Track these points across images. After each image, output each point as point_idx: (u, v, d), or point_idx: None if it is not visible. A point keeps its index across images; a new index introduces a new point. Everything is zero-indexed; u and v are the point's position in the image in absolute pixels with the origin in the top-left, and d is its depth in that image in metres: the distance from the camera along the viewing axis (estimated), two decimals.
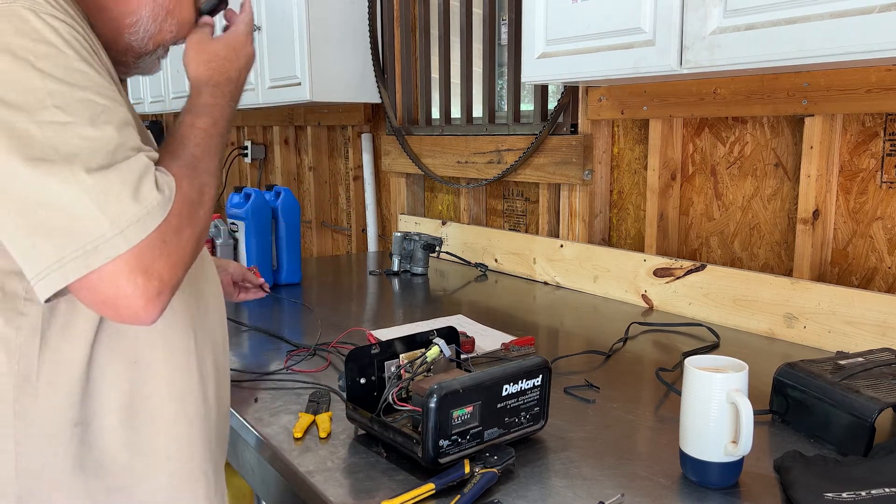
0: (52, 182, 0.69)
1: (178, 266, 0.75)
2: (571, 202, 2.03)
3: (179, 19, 0.91)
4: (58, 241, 0.69)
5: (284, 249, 2.04)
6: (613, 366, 1.38)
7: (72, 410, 0.81)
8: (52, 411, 0.81)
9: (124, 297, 0.71)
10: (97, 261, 0.69)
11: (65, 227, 0.69)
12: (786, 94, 1.50)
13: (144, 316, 0.73)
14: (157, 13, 0.88)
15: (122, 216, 0.70)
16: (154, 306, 0.73)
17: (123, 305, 0.71)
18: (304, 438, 1.07)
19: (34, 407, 0.80)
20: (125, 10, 0.86)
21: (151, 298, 0.72)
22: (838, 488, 0.86)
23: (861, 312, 1.39)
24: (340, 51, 2.62)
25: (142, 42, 0.89)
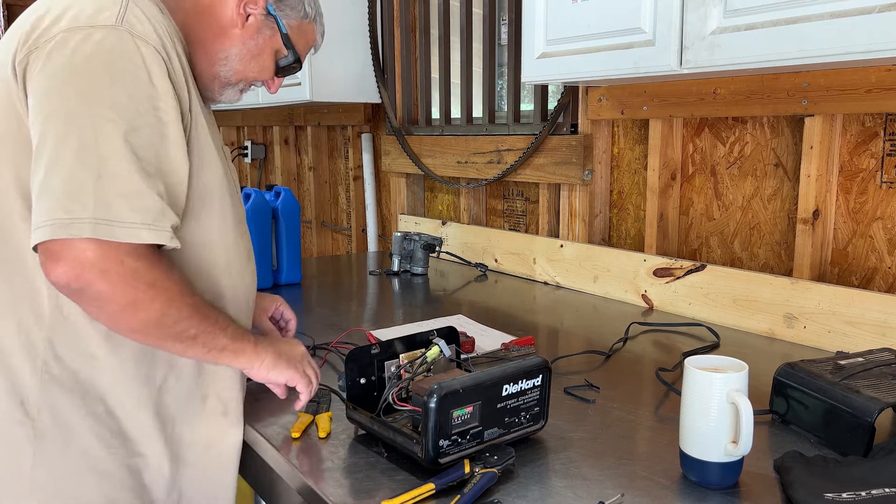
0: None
1: (108, 289, 0.85)
2: (571, 202, 2.03)
3: (261, 64, 1.11)
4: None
5: (284, 249, 2.04)
6: (613, 366, 1.38)
7: (90, 343, 0.96)
8: (76, 340, 0.95)
9: (49, 268, 0.85)
10: (63, 233, 0.82)
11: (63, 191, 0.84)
12: (786, 94, 1.50)
13: (50, 276, 0.85)
14: (243, 55, 1.08)
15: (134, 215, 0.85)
16: (60, 279, 0.84)
17: (48, 262, 0.84)
18: (303, 438, 1.07)
19: (63, 333, 0.95)
20: (219, 48, 1.06)
21: (66, 277, 0.84)
22: (838, 488, 0.86)
23: (861, 312, 1.39)
24: (340, 51, 2.62)
25: (228, 74, 1.09)
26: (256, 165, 3.89)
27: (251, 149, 3.78)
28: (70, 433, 0.96)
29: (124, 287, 0.86)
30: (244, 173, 4.07)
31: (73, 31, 0.89)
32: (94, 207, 0.83)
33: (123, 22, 0.90)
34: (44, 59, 0.88)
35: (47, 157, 0.85)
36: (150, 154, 0.89)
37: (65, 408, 0.96)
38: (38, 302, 0.95)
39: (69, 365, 0.96)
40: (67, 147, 0.85)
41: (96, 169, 0.84)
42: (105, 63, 0.88)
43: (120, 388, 0.98)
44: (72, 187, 0.83)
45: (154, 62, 0.91)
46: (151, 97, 0.90)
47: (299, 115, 3.33)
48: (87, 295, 0.86)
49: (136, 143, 0.87)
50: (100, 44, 0.88)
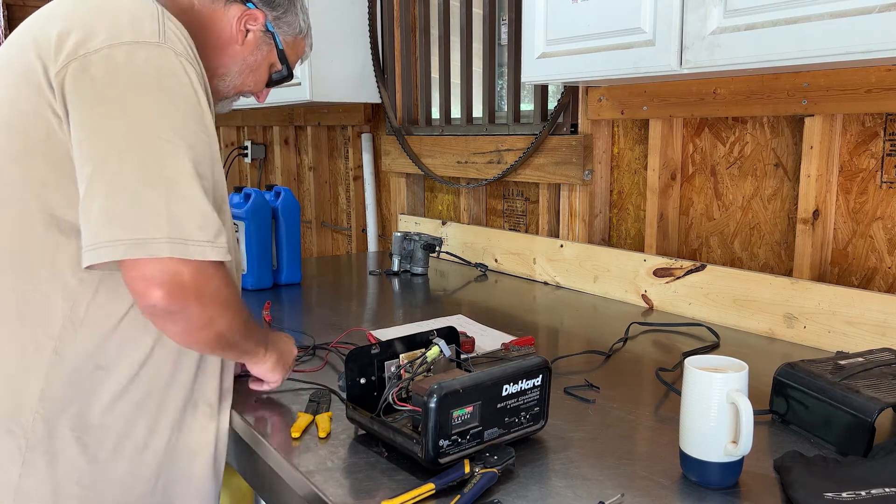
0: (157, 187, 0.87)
1: (198, 305, 0.89)
2: (571, 202, 2.03)
3: (257, 78, 1.16)
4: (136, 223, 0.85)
5: (284, 249, 2.04)
6: (613, 366, 1.38)
7: (97, 356, 0.96)
8: (83, 352, 0.95)
9: (149, 293, 0.86)
10: (140, 253, 0.84)
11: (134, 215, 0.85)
12: (786, 94, 1.50)
13: (150, 300, 0.86)
14: (243, 70, 1.12)
15: (199, 233, 0.87)
16: (160, 301, 0.86)
17: (144, 288, 0.86)
18: (303, 438, 1.07)
19: (71, 345, 0.95)
20: (218, 63, 1.10)
21: (167, 299, 0.86)
22: (838, 488, 0.86)
23: (861, 312, 1.39)
24: (340, 51, 2.62)
25: (226, 88, 1.14)
26: (256, 165, 3.89)
27: (251, 149, 3.78)
28: (63, 446, 0.96)
29: (210, 305, 0.90)
30: (244, 173, 4.07)
31: (118, 47, 0.89)
32: (167, 227, 0.85)
33: (166, 39, 0.91)
34: (91, 74, 0.88)
35: (111, 178, 0.85)
36: (206, 172, 0.91)
37: (61, 420, 0.95)
38: (50, 312, 0.94)
39: (74, 377, 0.95)
40: (134, 168, 0.85)
41: (164, 190, 0.86)
42: (157, 82, 0.89)
43: (123, 398, 0.99)
44: (143, 208, 0.85)
45: (196, 81, 0.93)
46: (201, 116, 0.92)
47: (299, 115, 3.33)
48: (179, 315, 0.88)
49: (196, 161, 0.89)
50: (148, 62, 0.89)
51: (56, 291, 0.94)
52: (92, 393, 0.97)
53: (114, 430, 0.99)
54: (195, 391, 1.07)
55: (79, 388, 0.96)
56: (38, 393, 0.94)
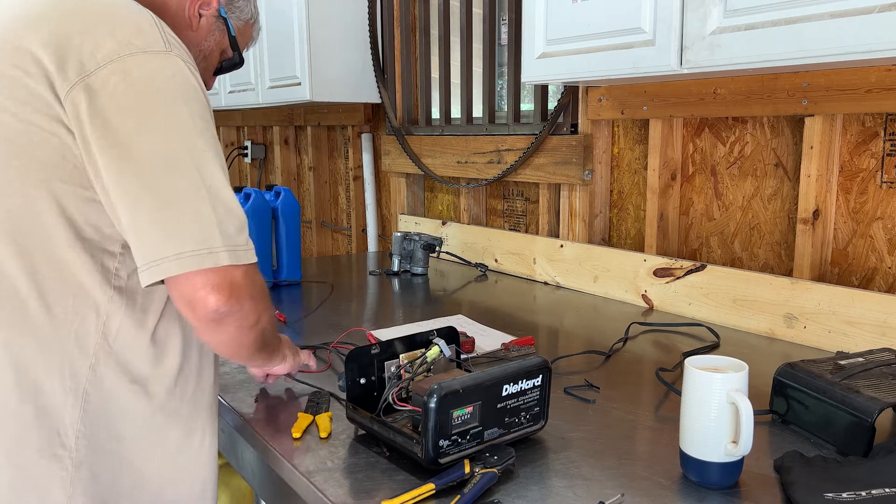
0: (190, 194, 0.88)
1: (251, 306, 0.92)
2: (571, 202, 2.03)
3: (208, 64, 1.14)
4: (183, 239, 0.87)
5: (284, 249, 2.04)
6: (613, 366, 1.38)
7: (131, 371, 0.97)
8: (119, 368, 0.96)
9: (208, 300, 0.88)
10: (207, 263, 0.87)
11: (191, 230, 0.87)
12: (786, 94, 1.50)
13: (211, 306, 0.89)
14: (195, 56, 1.09)
15: (230, 239, 0.89)
16: (222, 305, 0.89)
17: (204, 305, 0.89)
18: (304, 438, 1.07)
19: (106, 362, 0.95)
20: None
21: (225, 303, 0.89)
22: (838, 488, 0.86)
23: (861, 312, 1.39)
24: (340, 51, 2.62)
25: None
26: (256, 165, 3.89)
27: (251, 149, 3.78)
28: (102, 458, 0.96)
29: (259, 301, 0.93)
30: (244, 173, 4.07)
31: (129, 59, 0.88)
32: (221, 237, 0.88)
33: (171, 47, 0.91)
34: (109, 91, 0.86)
35: (159, 193, 0.86)
36: (227, 175, 0.93)
37: (102, 435, 0.96)
38: (84, 331, 0.93)
39: (112, 393, 0.96)
40: (180, 182, 0.87)
41: (209, 199, 0.87)
42: (178, 93, 0.89)
43: (160, 410, 1.00)
44: (198, 220, 0.86)
45: (202, 85, 0.93)
46: (212, 119, 0.94)
47: (299, 115, 3.33)
48: (233, 316, 0.90)
49: (223, 166, 0.91)
50: (162, 72, 0.89)
51: (88, 310, 0.94)
52: (130, 408, 0.97)
53: (150, 439, 1.00)
54: (214, 392, 1.09)
55: (117, 404, 0.97)
56: (79, 413, 0.94)
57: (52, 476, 0.93)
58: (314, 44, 2.55)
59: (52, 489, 0.93)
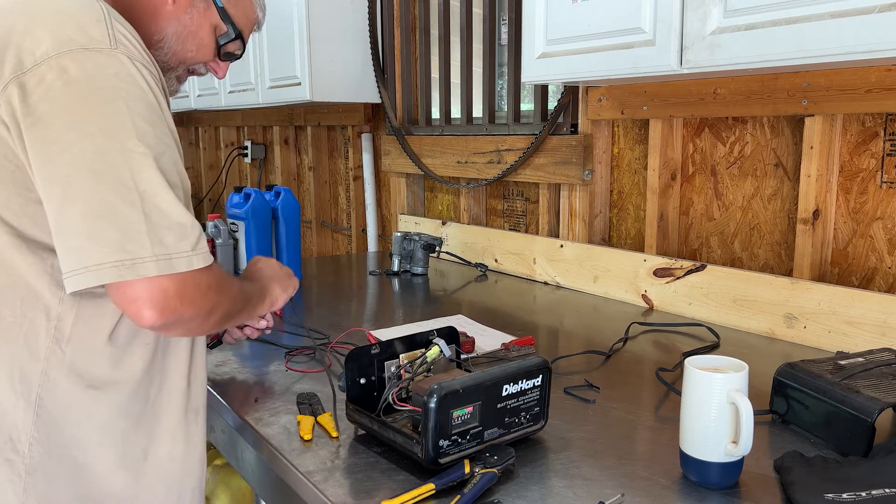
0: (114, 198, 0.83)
1: (194, 311, 0.89)
2: (571, 202, 2.03)
3: (199, 42, 1.06)
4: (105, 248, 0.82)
5: (284, 249, 2.04)
6: (613, 366, 1.38)
7: (88, 376, 0.94)
8: (73, 373, 0.93)
9: (141, 314, 0.85)
10: (130, 275, 0.82)
11: (114, 238, 0.82)
12: (786, 94, 1.50)
13: (145, 322, 0.86)
14: (179, 33, 1.03)
15: (164, 248, 0.84)
16: (156, 321, 0.86)
17: (135, 310, 0.85)
18: (314, 440, 1.07)
19: (59, 366, 0.92)
20: (154, 30, 1.01)
21: (159, 316, 0.85)
22: (838, 489, 0.86)
23: (861, 312, 1.39)
24: (340, 51, 2.62)
25: (165, 58, 1.04)
26: (256, 165, 3.89)
27: (251, 149, 3.78)
28: (61, 466, 0.94)
29: (202, 303, 0.90)
30: (244, 173, 4.07)
31: (67, 56, 0.83)
32: (150, 245, 0.83)
33: (117, 44, 0.86)
34: (44, 89, 0.82)
35: (85, 198, 0.82)
36: (175, 178, 0.88)
37: (59, 441, 0.93)
38: (33, 335, 0.91)
39: (68, 399, 0.93)
40: (107, 186, 0.82)
41: (140, 206, 0.83)
42: (116, 92, 0.84)
43: (121, 416, 0.97)
44: (124, 227, 0.82)
45: (154, 83, 0.89)
46: (162, 119, 0.88)
47: (299, 115, 3.33)
48: (176, 324, 0.88)
49: (165, 169, 0.86)
50: (103, 70, 0.84)
51: (38, 313, 0.91)
52: (88, 413, 0.94)
53: (112, 445, 0.97)
54: (191, 399, 1.06)
55: (74, 410, 0.93)
56: (31, 418, 0.91)
57: (5, 481, 0.91)
58: (314, 44, 2.55)
59: (5, 494, 0.92)
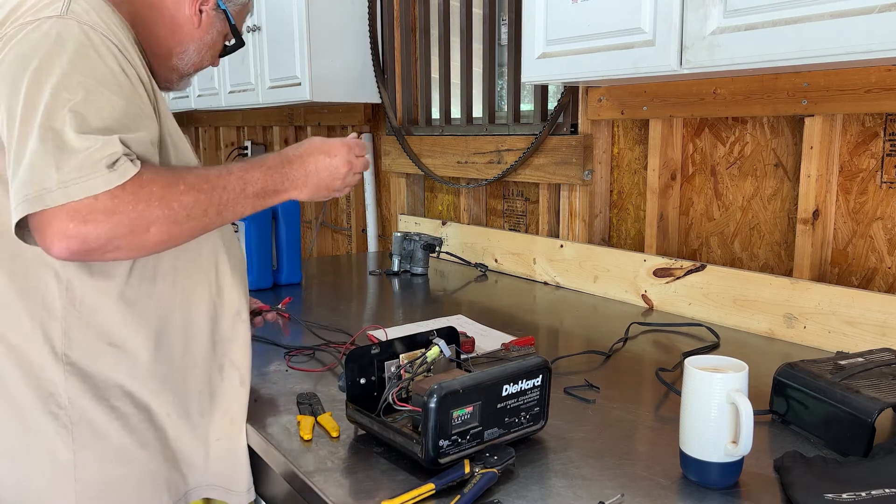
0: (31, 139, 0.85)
1: (106, 230, 0.86)
2: (571, 202, 2.03)
3: (213, 52, 1.18)
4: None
5: (284, 250, 2.04)
6: (613, 366, 1.38)
7: (105, 333, 0.99)
8: (91, 331, 0.99)
9: (49, 235, 0.85)
10: (38, 205, 0.83)
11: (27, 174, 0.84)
12: (786, 94, 1.50)
13: (52, 251, 0.85)
14: (201, 48, 1.14)
15: (69, 175, 0.83)
16: (62, 249, 0.85)
17: (43, 241, 0.85)
18: (314, 439, 1.07)
19: (77, 325, 0.98)
20: (175, 43, 1.11)
21: (61, 242, 0.84)
22: (838, 489, 0.86)
23: (861, 312, 1.39)
24: (340, 51, 2.62)
25: (186, 67, 1.15)
26: None
27: (251, 149, 3.78)
28: (105, 416, 1.00)
29: (116, 220, 0.86)
30: None
31: (21, 27, 0.91)
32: (57, 175, 0.83)
33: (69, 12, 0.92)
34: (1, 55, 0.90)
35: (15, 143, 0.87)
36: (108, 114, 0.88)
37: (94, 395, 1.00)
38: (47, 296, 0.97)
39: (88, 358, 0.99)
40: (28, 129, 0.86)
41: (53, 140, 0.85)
42: (54, 46, 0.89)
43: (142, 375, 1.02)
44: (36, 163, 0.84)
45: (102, 45, 0.92)
46: (103, 73, 0.90)
47: (299, 115, 3.33)
48: (98, 248, 0.86)
49: (91, 112, 0.87)
50: (47, 33, 0.90)
51: (48, 274, 0.97)
52: (115, 370, 1.00)
53: (145, 400, 1.03)
54: (218, 356, 1.10)
55: (99, 366, 1.00)
56: (62, 375, 0.98)
57: (52, 433, 0.98)
58: (314, 44, 2.55)
59: (56, 446, 0.99)
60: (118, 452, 1.01)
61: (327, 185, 1.08)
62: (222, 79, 3.12)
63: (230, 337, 1.11)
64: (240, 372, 1.12)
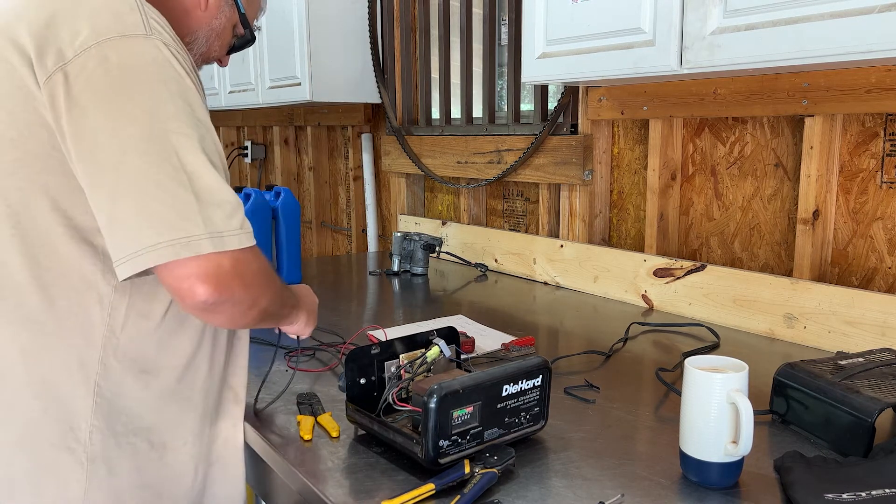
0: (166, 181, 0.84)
1: (243, 292, 0.88)
2: (571, 202, 2.03)
3: (222, 42, 1.13)
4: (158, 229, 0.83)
5: (284, 250, 2.04)
6: (613, 366, 1.38)
7: (141, 360, 0.97)
8: (127, 359, 0.96)
9: (195, 290, 0.85)
10: (186, 252, 0.83)
11: (166, 217, 0.84)
12: (786, 94, 1.50)
13: (199, 297, 0.85)
14: (209, 35, 1.09)
15: (215, 225, 0.85)
16: (209, 297, 0.86)
17: (187, 289, 0.85)
18: (314, 440, 1.07)
19: (115, 354, 0.95)
20: (185, 31, 1.06)
21: (212, 293, 0.85)
22: (838, 489, 0.86)
23: (861, 312, 1.39)
24: (340, 51, 2.62)
25: (194, 56, 1.09)
26: (256, 165, 3.89)
27: (251, 149, 3.78)
28: (120, 453, 0.97)
29: (252, 287, 0.90)
30: (244, 173, 4.07)
31: (106, 44, 0.86)
32: (203, 223, 0.84)
33: (152, 31, 0.89)
34: (85, 78, 0.84)
35: (135, 181, 0.83)
36: (217, 160, 0.90)
37: (116, 428, 0.96)
38: (89, 323, 0.93)
39: (119, 384, 0.96)
40: (156, 168, 0.83)
41: (189, 185, 0.84)
42: (155, 76, 0.86)
43: (171, 398, 1.01)
44: (177, 207, 0.83)
45: (190, 68, 0.92)
46: (200, 103, 0.91)
47: (299, 115, 3.33)
48: (227, 303, 0.87)
49: (208, 150, 0.88)
50: (141, 56, 0.86)
51: (92, 301, 0.93)
52: (141, 398, 0.98)
53: (163, 428, 1.01)
54: (226, 377, 1.09)
55: (128, 396, 0.97)
56: (90, 406, 0.94)
57: (68, 469, 0.94)
58: (314, 44, 2.55)
59: (68, 482, 0.95)
60: (126, 492, 0.98)
61: (312, 310, 1.22)
62: (222, 79, 3.12)
63: (231, 358, 1.10)
64: (234, 391, 1.10)
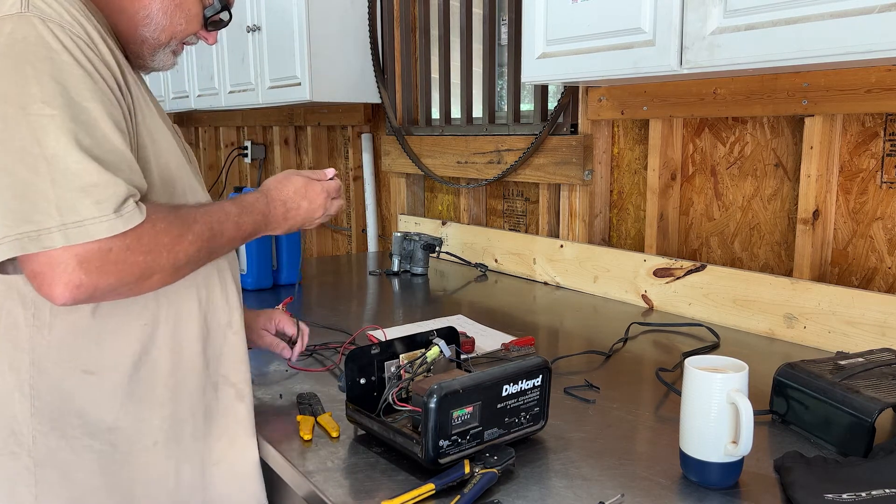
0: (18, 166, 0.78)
1: (116, 280, 0.82)
2: (571, 202, 2.03)
3: (187, 13, 1.02)
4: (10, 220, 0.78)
5: (284, 250, 2.04)
6: (613, 366, 1.38)
7: (79, 359, 0.91)
8: (62, 359, 0.91)
9: (51, 292, 0.80)
10: (33, 247, 0.78)
11: (18, 209, 0.78)
12: (786, 94, 1.50)
13: (56, 300, 0.81)
14: (166, 6, 0.99)
15: (72, 216, 0.78)
16: (67, 299, 0.80)
17: (42, 287, 0.80)
18: (314, 439, 1.07)
19: (47, 354, 0.90)
20: (138, 6, 0.97)
21: (69, 293, 0.80)
22: (838, 489, 0.86)
23: (861, 312, 1.39)
24: (340, 51, 2.62)
25: (154, 34, 0.99)
26: (256, 165, 3.89)
27: (251, 149, 3.78)
28: (75, 457, 0.92)
29: (125, 270, 0.83)
30: (244, 173, 4.07)
31: None
32: (58, 213, 0.78)
33: (30, 7, 0.83)
34: None
35: None
36: (98, 137, 0.82)
37: (65, 431, 0.91)
38: (13, 324, 0.89)
39: (60, 386, 0.91)
40: (10, 155, 0.79)
41: (48, 172, 0.78)
42: (22, 55, 0.80)
43: (120, 400, 0.94)
44: (29, 196, 0.78)
45: (72, 43, 0.84)
46: (79, 81, 0.83)
47: (299, 115, 3.33)
48: (100, 295, 0.83)
49: (80, 130, 0.81)
50: (11, 35, 0.81)
51: (13, 302, 0.89)
52: (95, 399, 0.92)
53: (127, 429, 0.95)
54: (211, 374, 1.02)
55: (79, 397, 0.92)
56: (28, 410, 0.90)
57: (13, 475, 0.91)
58: (314, 44, 2.55)
59: (15, 487, 0.91)
60: (88, 496, 0.93)
61: (300, 224, 1.10)
62: (222, 79, 3.12)
63: (223, 352, 1.04)
64: (236, 388, 1.05)
